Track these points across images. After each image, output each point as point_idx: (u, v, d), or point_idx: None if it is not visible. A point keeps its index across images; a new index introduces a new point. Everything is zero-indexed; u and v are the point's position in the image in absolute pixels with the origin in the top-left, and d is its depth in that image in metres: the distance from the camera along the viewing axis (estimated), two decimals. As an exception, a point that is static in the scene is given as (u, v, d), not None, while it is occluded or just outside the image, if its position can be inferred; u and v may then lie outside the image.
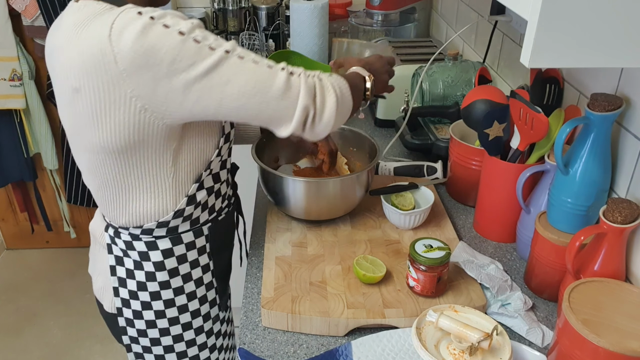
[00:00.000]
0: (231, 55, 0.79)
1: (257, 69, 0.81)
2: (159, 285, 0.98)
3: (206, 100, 0.79)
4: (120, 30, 0.75)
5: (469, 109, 1.20)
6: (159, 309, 1.00)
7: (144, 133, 0.82)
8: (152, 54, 0.75)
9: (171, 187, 0.91)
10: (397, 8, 2.02)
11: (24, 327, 2.41)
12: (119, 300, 1.01)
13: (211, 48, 0.77)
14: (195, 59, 0.76)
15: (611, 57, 0.65)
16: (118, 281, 1.00)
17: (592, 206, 0.95)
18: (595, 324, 0.75)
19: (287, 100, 0.83)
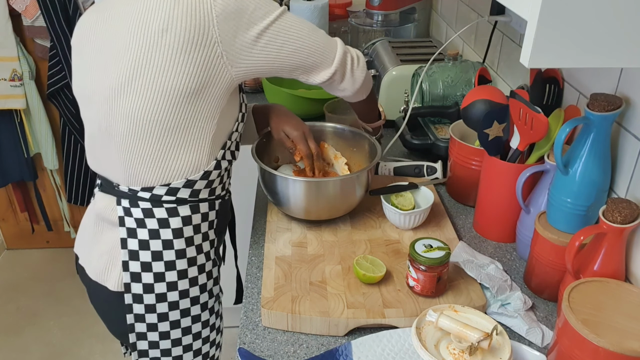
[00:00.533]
0: (288, 11, 0.95)
1: (305, 23, 0.97)
2: (175, 254, 0.99)
3: (272, 45, 0.92)
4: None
5: (469, 109, 1.20)
6: (171, 280, 1.00)
7: (213, 79, 0.90)
8: (241, 2, 0.87)
9: (208, 145, 0.96)
10: (397, 8, 2.02)
11: (24, 327, 2.41)
12: (128, 275, 0.99)
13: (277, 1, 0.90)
14: (268, 8, 0.90)
15: (611, 57, 0.65)
16: (129, 254, 0.99)
17: (591, 206, 0.95)
18: (595, 324, 0.75)
19: (330, 46, 1.00)
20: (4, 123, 2.41)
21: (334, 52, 1.01)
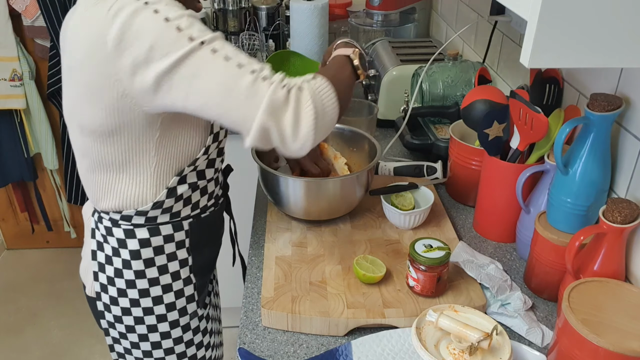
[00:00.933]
0: (204, 47, 0.77)
1: (226, 67, 0.77)
2: (134, 274, 0.99)
3: (175, 92, 0.78)
4: (115, 11, 0.76)
5: (469, 109, 1.20)
6: (133, 297, 1.01)
7: (126, 118, 0.83)
8: (136, 38, 0.75)
9: (152, 177, 0.91)
10: (397, 8, 2.02)
11: (24, 327, 2.41)
12: (98, 285, 1.02)
13: (190, 38, 0.76)
14: (170, 48, 0.75)
15: (611, 57, 0.65)
16: (98, 266, 1.01)
17: (591, 206, 0.95)
18: (595, 324, 0.75)
19: (248, 109, 0.78)
20: (4, 123, 2.41)
21: (252, 118, 0.78)
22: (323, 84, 0.83)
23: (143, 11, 0.76)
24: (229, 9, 2.16)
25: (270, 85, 0.78)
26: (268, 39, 2.16)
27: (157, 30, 0.75)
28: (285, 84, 0.80)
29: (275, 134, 0.79)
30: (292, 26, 1.98)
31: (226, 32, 2.21)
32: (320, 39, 1.98)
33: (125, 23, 0.76)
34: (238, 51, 0.80)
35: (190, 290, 1.06)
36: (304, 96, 0.80)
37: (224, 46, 0.79)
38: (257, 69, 0.79)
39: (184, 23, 0.77)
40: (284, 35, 2.20)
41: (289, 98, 0.79)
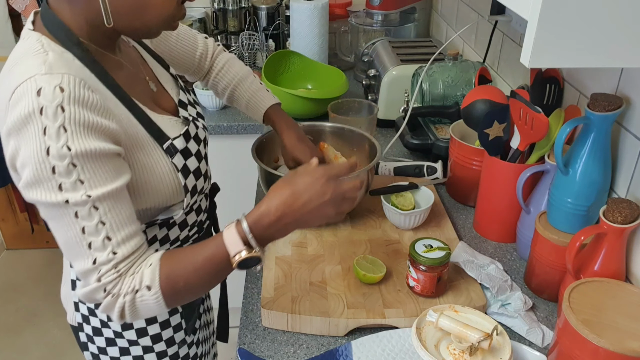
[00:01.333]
0: (68, 208, 0.71)
1: (77, 238, 0.72)
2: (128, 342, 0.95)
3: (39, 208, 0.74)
4: (16, 100, 0.69)
5: (469, 109, 1.20)
6: (116, 330, 0.96)
7: None
8: (19, 144, 0.69)
9: None
10: (397, 8, 2.02)
11: (24, 327, 2.41)
12: (80, 316, 0.97)
13: (60, 188, 0.70)
14: (37, 182, 0.70)
15: (611, 57, 0.65)
16: (86, 337, 0.98)
17: (592, 206, 0.95)
18: (595, 324, 0.75)
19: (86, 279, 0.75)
20: (3, 123, 2.40)
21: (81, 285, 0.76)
22: (145, 298, 0.76)
23: (32, 123, 0.68)
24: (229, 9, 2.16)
25: (96, 284, 0.74)
26: (268, 39, 2.16)
27: (32, 157, 0.68)
28: (110, 292, 0.75)
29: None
30: (292, 26, 1.98)
31: (226, 32, 2.21)
32: (320, 39, 1.98)
33: (12, 128, 0.69)
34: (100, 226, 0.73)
35: (176, 320, 1.00)
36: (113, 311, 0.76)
37: (89, 214, 0.72)
38: (101, 262, 0.73)
39: (63, 166, 0.69)
40: (284, 35, 2.20)
41: (103, 303, 0.76)
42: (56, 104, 0.68)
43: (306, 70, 1.89)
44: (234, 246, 0.76)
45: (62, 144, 0.68)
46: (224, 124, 1.80)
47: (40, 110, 0.68)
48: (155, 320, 0.97)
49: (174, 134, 0.85)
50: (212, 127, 1.80)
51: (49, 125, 0.68)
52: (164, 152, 0.83)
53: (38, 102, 0.68)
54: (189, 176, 0.87)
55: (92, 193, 0.71)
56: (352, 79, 2.07)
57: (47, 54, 0.72)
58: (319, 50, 1.99)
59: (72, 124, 0.69)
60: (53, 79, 0.69)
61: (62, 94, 0.69)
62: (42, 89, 0.68)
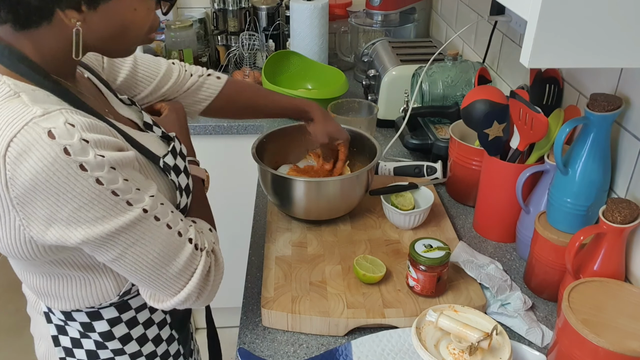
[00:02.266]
0: (149, 216, 0.71)
1: (170, 236, 0.74)
2: (113, 353, 0.89)
3: (104, 252, 0.71)
4: (20, 152, 0.61)
5: (469, 109, 1.20)
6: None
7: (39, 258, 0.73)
8: (57, 194, 0.63)
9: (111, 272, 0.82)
10: (397, 8, 2.02)
11: (24, 327, 2.40)
12: (62, 350, 0.89)
13: (129, 203, 0.68)
14: (107, 212, 0.67)
15: (611, 57, 0.65)
16: (64, 351, 0.89)
17: (591, 206, 0.95)
18: (595, 324, 0.75)
19: (179, 279, 0.77)
20: (4, 123, 2.40)
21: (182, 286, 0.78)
22: (218, 247, 0.85)
23: (65, 165, 0.63)
24: (229, 9, 2.16)
25: (202, 254, 0.79)
26: (268, 39, 2.16)
27: (88, 191, 0.65)
28: (206, 248, 0.80)
29: (194, 296, 0.80)
30: (292, 26, 1.98)
31: (226, 32, 2.21)
32: (320, 39, 1.98)
33: (41, 174, 0.62)
34: (174, 213, 0.76)
35: (175, 347, 0.97)
36: (218, 268, 0.83)
37: (163, 210, 0.74)
38: (191, 235, 0.77)
39: (120, 186, 0.67)
40: (284, 35, 2.20)
41: (210, 271, 0.81)
42: (77, 139, 0.63)
43: (306, 70, 1.90)
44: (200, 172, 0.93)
45: (108, 168, 0.66)
46: (224, 124, 1.80)
47: (65, 151, 0.62)
48: (155, 355, 0.93)
49: (160, 152, 0.82)
50: (212, 127, 1.80)
51: (84, 160, 0.64)
52: (161, 170, 0.81)
53: (57, 144, 0.62)
54: (183, 195, 0.85)
55: (151, 192, 0.73)
56: (352, 79, 2.07)
57: (19, 95, 0.66)
58: (319, 50, 1.99)
59: (102, 149, 0.66)
60: (56, 117, 0.64)
61: (75, 128, 0.64)
62: (52, 131, 0.62)
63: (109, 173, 0.66)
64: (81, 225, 0.66)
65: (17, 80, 0.68)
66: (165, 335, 0.94)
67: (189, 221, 0.80)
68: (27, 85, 0.69)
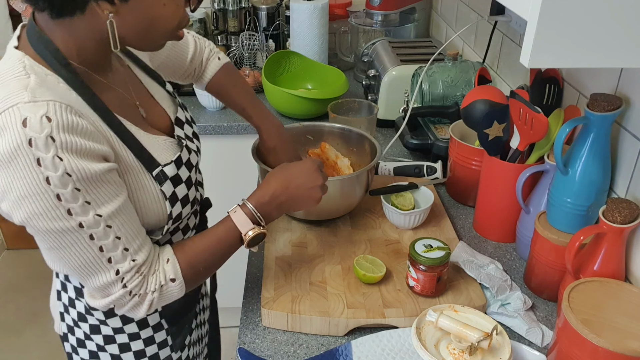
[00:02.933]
0: (83, 232, 0.72)
1: (96, 258, 0.74)
2: (98, 321, 0.93)
3: (39, 241, 0.76)
4: None
5: (469, 109, 1.20)
6: (99, 343, 0.95)
7: None
8: (12, 177, 0.67)
9: None
10: (397, 8, 2.02)
11: (24, 327, 2.41)
12: (65, 326, 0.96)
13: (69, 212, 0.70)
14: (44, 211, 0.69)
15: (611, 57, 0.65)
16: (63, 307, 0.95)
17: (591, 206, 0.95)
18: (595, 324, 0.75)
19: (100, 293, 0.79)
20: (4, 123, 2.40)
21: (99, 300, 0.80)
22: (171, 290, 0.83)
23: (22, 157, 0.66)
24: (229, 9, 2.16)
25: (119, 290, 0.78)
26: (268, 39, 2.16)
27: (32, 188, 0.67)
28: (132, 290, 0.79)
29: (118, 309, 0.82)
30: (292, 26, 1.98)
31: (226, 32, 2.21)
32: (320, 39, 1.98)
33: (0, 159, 0.66)
34: (117, 241, 0.75)
35: (162, 336, 0.98)
36: (141, 308, 0.81)
37: (106, 233, 0.73)
38: (122, 269, 0.77)
39: (68, 192, 0.68)
40: (284, 35, 2.20)
41: (128, 304, 0.80)
42: (45, 134, 0.66)
43: (306, 70, 1.90)
44: (244, 225, 0.86)
45: (62, 172, 0.67)
46: (224, 124, 1.80)
47: (29, 142, 0.65)
48: (138, 337, 0.95)
49: (165, 159, 0.83)
50: (212, 127, 1.80)
51: (42, 156, 0.66)
52: (154, 179, 0.81)
53: (25, 133, 0.65)
54: (176, 204, 0.85)
55: (102, 212, 0.72)
56: (352, 79, 2.07)
57: (29, 77, 0.70)
58: (319, 50, 1.99)
59: (65, 152, 0.67)
60: (38, 107, 0.66)
61: (50, 124, 0.66)
62: (27, 120, 0.65)
63: (61, 177, 0.67)
64: (21, 211, 0.70)
65: (37, 63, 0.72)
66: (152, 321, 0.96)
67: (143, 251, 0.78)
68: (44, 69, 0.72)
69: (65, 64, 0.73)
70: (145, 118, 0.87)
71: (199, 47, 1.14)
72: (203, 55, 1.15)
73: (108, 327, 0.94)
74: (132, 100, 0.86)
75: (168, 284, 0.82)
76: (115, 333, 0.94)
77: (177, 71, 1.13)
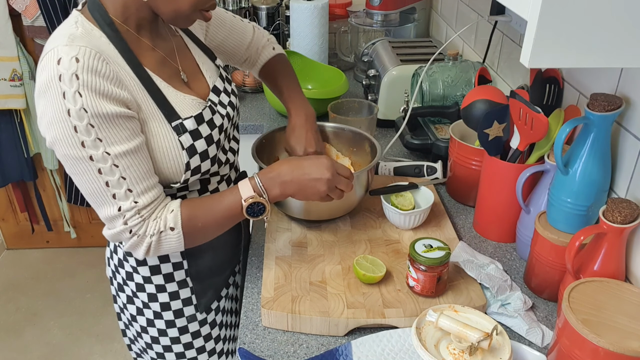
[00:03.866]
0: (92, 164, 0.81)
1: (102, 191, 0.83)
2: (132, 268, 1.04)
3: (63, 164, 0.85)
4: (41, 68, 0.80)
5: (469, 109, 1.20)
6: (133, 289, 1.06)
7: None
8: (45, 105, 0.79)
9: None
10: (397, 8, 2.02)
11: (24, 327, 2.41)
12: (109, 270, 1.09)
13: (82, 145, 0.80)
14: (62, 138, 0.80)
15: (611, 57, 0.65)
16: (109, 251, 1.08)
17: (591, 206, 0.95)
18: (595, 324, 0.75)
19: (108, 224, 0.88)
20: (4, 123, 2.40)
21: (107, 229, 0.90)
22: (169, 238, 0.90)
23: (51, 90, 0.78)
24: (229, 9, 2.16)
25: (122, 225, 0.86)
26: (268, 39, 2.16)
27: (55, 117, 0.79)
28: (133, 229, 0.87)
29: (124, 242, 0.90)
30: (292, 26, 1.98)
31: (226, 32, 2.21)
32: (320, 39, 1.98)
33: (40, 89, 0.80)
34: (121, 180, 0.84)
35: (186, 293, 1.06)
36: (140, 249, 0.89)
37: (113, 170, 0.82)
38: (125, 206, 0.85)
39: (83, 125, 0.79)
40: (284, 35, 2.20)
41: (129, 242, 0.88)
42: (72, 72, 0.77)
43: (306, 70, 1.89)
44: (246, 192, 0.92)
45: (80, 106, 0.78)
46: (224, 124, 1.80)
47: (59, 77, 0.77)
48: (164, 289, 1.05)
49: (186, 114, 0.91)
50: (212, 127, 1.80)
51: (67, 90, 0.77)
52: (172, 129, 0.89)
53: (57, 69, 0.77)
54: (194, 156, 0.92)
55: (111, 150, 0.81)
56: (352, 79, 2.07)
57: (77, 28, 0.83)
58: (319, 50, 1.99)
59: (85, 89, 0.78)
60: (71, 50, 0.78)
61: (77, 64, 0.78)
62: (61, 59, 0.78)
63: (78, 111, 0.78)
64: (49, 134, 0.81)
65: (88, 20, 0.85)
66: (178, 277, 1.05)
67: (147, 196, 0.86)
68: (92, 26, 0.85)
69: (109, 22, 0.85)
70: (186, 83, 0.96)
71: (256, 36, 1.22)
72: (260, 44, 1.23)
73: (139, 275, 1.03)
74: (175, 65, 0.96)
75: (167, 231, 0.88)
76: (144, 282, 1.04)
77: (234, 56, 1.21)
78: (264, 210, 0.93)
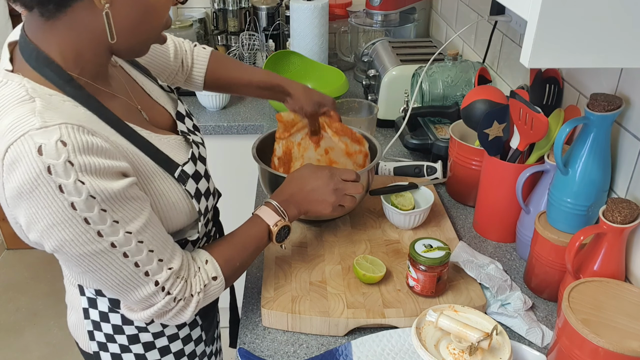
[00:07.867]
0: (116, 251, 0.71)
1: (133, 273, 0.74)
2: (137, 329, 0.93)
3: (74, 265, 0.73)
4: (12, 161, 0.64)
5: (469, 109, 1.20)
6: (138, 352, 0.95)
7: None
8: (36, 207, 0.66)
9: None
10: (397, 8, 2.02)
11: (24, 327, 2.41)
12: (95, 344, 0.95)
13: (99, 234, 0.69)
14: (74, 237, 0.68)
15: (611, 57, 0.65)
16: (92, 324, 0.93)
17: (591, 206, 0.95)
18: (595, 323, 0.75)
19: (141, 305, 0.79)
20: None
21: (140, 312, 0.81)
22: (214, 288, 0.85)
23: (44, 186, 0.64)
24: (229, 9, 2.16)
25: (163, 298, 0.79)
26: (268, 39, 2.16)
27: (59, 215, 0.66)
28: (176, 295, 0.80)
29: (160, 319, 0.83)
30: (292, 26, 1.98)
31: (226, 32, 2.21)
32: (320, 39, 1.98)
33: (21, 189, 0.64)
34: (150, 254, 0.75)
35: (197, 333, 1.01)
36: (188, 311, 0.83)
37: (139, 248, 0.73)
38: (160, 279, 0.77)
39: (95, 215, 0.68)
40: (284, 35, 2.20)
41: (174, 309, 0.81)
42: (63, 160, 0.64)
43: (306, 70, 1.90)
44: (271, 218, 0.92)
45: (86, 195, 0.66)
46: (224, 124, 1.80)
47: (49, 170, 0.64)
48: (177, 337, 0.97)
49: (181, 158, 0.84)
50: (212, 127, 1.80)
51: (64, 182, 0.64)
52: (176, 180, 0.82)
53: (42, 161, 0.63)
54: (201, 199, 0.86)
55: (131, 228, 0.72)
56: (352, 79, 2.07)
57: (34, 101, 0.67)
58: (319, 50, 1.99)
59: (86, 174, 0.66)
60: (51, 133, 0.64)
61: (66, 148, 0.64)
62: (42, 147, 0.63)
63: (86, 201, 0.66)
64: (52, 239, 0.68)
65: (38, 84, 0.70)
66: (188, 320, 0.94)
67: (176, 257, 0.79)
68: (46, 89, 0.70)
69: (68, 79, 0.71)
70: (148, 120, 0.86)
71: (176, 41, 1.12)
72: (185, 47, 1.13)
73: (148, 334, 0.94)
74: (134, 105, 0.85)
75: (211, 282, 0.84)
76: (155, 338, 0.95)
77: (165, 70, 1.09)
78: (288, 232, 0.94)
